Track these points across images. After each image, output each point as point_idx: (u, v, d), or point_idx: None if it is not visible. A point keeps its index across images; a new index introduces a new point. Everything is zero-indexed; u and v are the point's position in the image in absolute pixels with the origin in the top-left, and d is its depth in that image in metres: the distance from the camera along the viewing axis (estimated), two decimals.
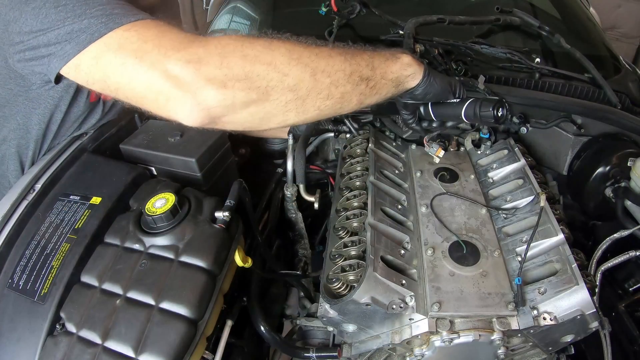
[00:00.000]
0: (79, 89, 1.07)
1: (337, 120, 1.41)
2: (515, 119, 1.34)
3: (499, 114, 0.98)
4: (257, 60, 0.66)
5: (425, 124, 1.12)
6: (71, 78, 0.80)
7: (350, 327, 1.00)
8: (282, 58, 0.68)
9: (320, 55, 0.72)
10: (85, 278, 0.88)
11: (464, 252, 1.00)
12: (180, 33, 0.70)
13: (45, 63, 0.77)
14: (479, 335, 0.87)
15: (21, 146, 1.10)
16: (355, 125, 1.38)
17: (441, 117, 1.11)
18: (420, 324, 0.90)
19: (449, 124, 1.19)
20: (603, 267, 1.06)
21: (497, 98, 0.99)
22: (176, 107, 0.67)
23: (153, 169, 1.16)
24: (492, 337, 0.88)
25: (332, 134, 1.44)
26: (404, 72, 0.86)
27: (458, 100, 1.02)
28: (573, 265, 0.90)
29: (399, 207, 1.12)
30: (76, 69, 0.74)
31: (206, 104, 0.66)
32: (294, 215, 1.36)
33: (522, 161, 1.20)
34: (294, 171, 1.28)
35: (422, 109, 1.09)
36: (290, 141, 1.33)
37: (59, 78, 0.84)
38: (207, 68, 0.64)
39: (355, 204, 1.10)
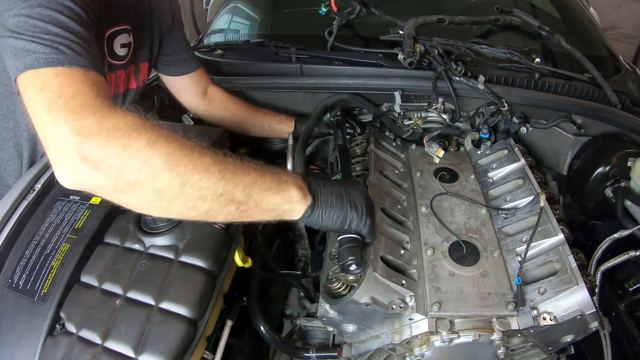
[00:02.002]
0: None
1: (338, 123, 1.41)
2: (515, 119, 1.35)
3: (348, 268, 0.89)
4: (135, 154, 0.68)
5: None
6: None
7: (350, 327, 1.00)
8: (159, 160, 0.69)
9: (197, 169, 0.72)
10: (85, 278, 0.88)
11: (463, 252, 1.00)
12: (93, 98, 0.72)
13: (9, 66, 0.79)
14: (479, 335, 0.87)
15: (19, 145, 1.10)
16: (359, 130, 1.38)
17: None
18: (420, 324, 0.90)
19: None
20: (603, 267, 1.06)
21: (353, 257, 0.87)
22: (56, 166, 0.70)
23: None
24: (492, 337, 0.88)
25: (332, 134, 1.44)
26: (282, 206, 0.82)
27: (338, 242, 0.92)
28: (573, 265, 0.90)
29: (399, 207, 1.12)
30: (18, 84, 0.76)
31: (77, 177, 0.69)
32: None
33: (522, 161, 1.20)
34: (294, 171, 1.28)
35: None
36: (290, 141, 1.33)
37: None
38: (89, 146, 0.67)
39: None
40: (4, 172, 1.15)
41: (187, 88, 1.40)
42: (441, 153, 1.29)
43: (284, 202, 0.82)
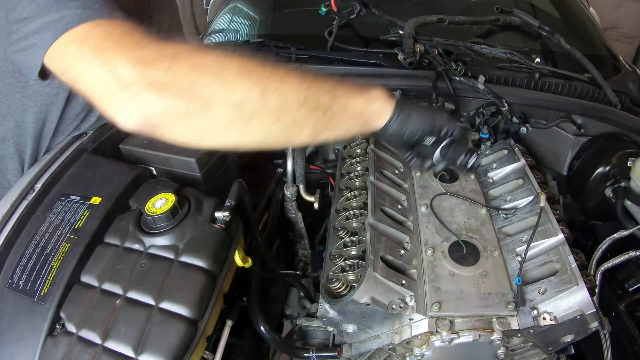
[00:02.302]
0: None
1: None
2: (515, 119, 1.34)
3: (468, 165, 0.87)
4: (205, 69, 0.64)
5: (427, 164, 0.95)
6: (50, 69, 0.79)
7: (350, 327, 1.00)
8: (232, 70, 0.64)
9: (275, 74, 0.66)
10: (85, 278, 0.88)
11: (463, 252, 1.00)
12: (145, 35, 0.68)
13: (32, 53, 0.77)
14: (479, 335, 0.87)
15: (20, 144, 1.10)
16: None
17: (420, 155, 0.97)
18: (420, 324, 0.90)
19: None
20: (603, 267, 1.06)
21: (468, 147, 0.86)
22: (116, 108, 0.65)
23: (153, 169, 1.16)
24: (492, 337, 0.88)
25: None
26: (368, 107, 0.76)
27: (434, 139, 0.87)
28: (573, 265, 0.90)
29: (399, 207, 1.12)
30: (51, 59, 0.74)
31: (144, 108, 0.64)
32: (293, 215, 1.36)
33: (522, 161, 1.20)
34: (293, 171, 1.29)
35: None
36: None
37: (44, 73, 0.83)
38: (153, 71, 0.63)
39: (355, 204, 1.10)
40: (5, 170, 1.15)
41: None
42: None
43: (369, 102, 0.76)
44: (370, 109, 0.76)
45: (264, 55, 0.70)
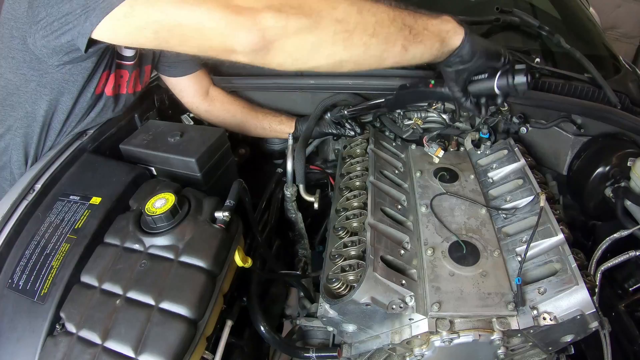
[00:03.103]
0: (90, 78, 1.07)
1: (339, 123, 1.40)
2: (515, 119, 1.35)
3: (531, 80, 0.99)
4: None
5: (483, 100, 1.07)
6: (109, 36, 0.81)
7: (350, 327, 1.00)
8: None
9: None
10: (85, 278, 0.88)
11: (463, 252, 1.00)
12: None
13: (79, 23, 0.79)
14: (479, 335, 0.87)
15: (27, 135, 1.10)
16: (358, 130, 1.38)
17: (476, 94, 1.06)
18: (420, 324, 0.90)
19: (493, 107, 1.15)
20: (603, 267, 1.06)
21: (522, 66, 0.98)
22: (234, 31, 0.74)
23: (153, 169, 1.16)
24: (492, 337, 0.88)
25: (333, 134, 1.44)
26: (444, 26, 0.90)
27: (486, 75, 1.01)
28: (573, 265, 0.90)
29: (399, 207, 1.12)
30: (127, 16, 0.76)
31: (263, 24, 0.74)
32: (293, 215, 1.36)
33: (522, 161, 1.20)
34: (293, 171, 1.29)
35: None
36: (290, 141, 1.33)
37: (90, 44, 0.85)
38: None
39: (355, 204, 1.10)
40: (8, 162, 1.15)
41: (188, 89, 1.40)
42: (441, 153, 1.29)
43: (444, 22, 0.90)
44: (447, 28, 0.91)
45: None
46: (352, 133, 1.39)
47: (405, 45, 0.86)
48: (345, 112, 1.37)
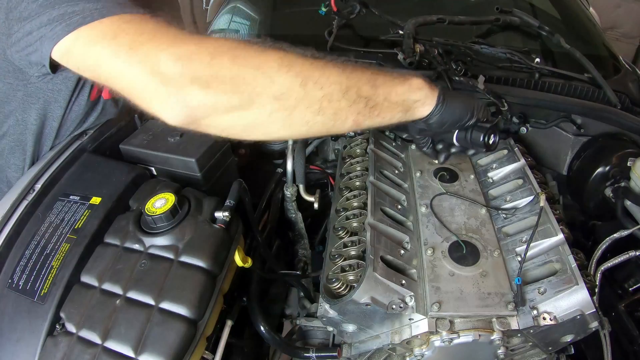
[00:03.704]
0: (79, 87, 1.07)
1: None
2: (515, 119, 1.34)
3: (490, 142, 0.89)
4: (246, 63, 0.64)
5: (440, 146, 1.00)
6: (63, 63, 0.77)
7: (350, 327, 1.00)
8: (272, 63, 0.65)
9: (315, 65, 0.67)
10: (85, 278, 0.88)
11: (463, 252, 1.00)
12: (178, 30, 0.68)
13: (38, 47, 0.75)
14: (479, 335, 0.87)
15: (21, 142, 1.10)
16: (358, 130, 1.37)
17: (436, 138, 1.01)
18: (420, 324, 0.90)
19: (470, 152, 1.07)
20: (603, 267, 1.06)
21: (487, 126, 0.88)
22: (160, 104, 0.66)
23: (153, 169, 1.16)
24: (492, 337, 0.88)
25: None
26: (411, 95, 0.76)
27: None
28: (573, 265, 0.90)
29: (399, 207, 1.12)
30: (67, 53, 0.72)
31: (189, 102, 0.65)
32: (293, 215, 1.36)
33: (522, 161, 1.20)
34: (293, 171, 1.28)
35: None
36: (290, 141, 1.33)
37: (54, 66, 0.82)
38: (195, 66, 0.63)
39: (355, 204, 1.10)
40: (5, 166, 1.15)
41: None
42: None
43: (411, 90, 0.76)
44: (413, 98, 0.77)
45: (303, 48, 0.71)
46: (352, 133, 1.38)
47: (357, 121, 0.73)
48: None
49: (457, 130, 0.90)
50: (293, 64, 0.65)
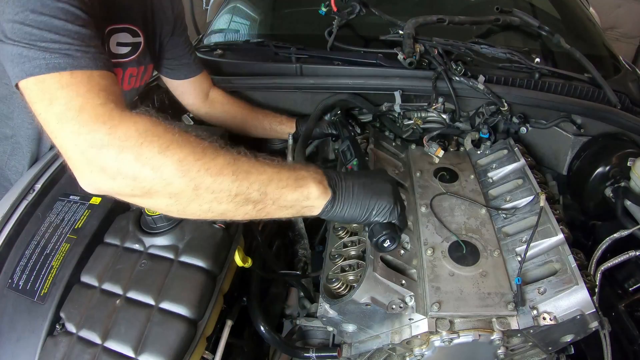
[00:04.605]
0: None
1: (337, 126, 1.40)
2: (515, 119, 1.35)
3: (384, 245, 0.86)
4: (147, 163, 0.70)
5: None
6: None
7: (350, 327, 1.00)
8: (171, 167, 0.71)
9: (210, 172, 0.73)
10: (85, 278, 0.88)
11: (463, 252, 1.00)
12: (104, 105, 0.72)
13: (8, 74, 0.79)
14: (479, 335, 0.87)
15: (20, 144, 1.10)
16: (358, 130, 1.38)
17: None
18: (420, 324, 0.90)
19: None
20: (603, 267, 1.06)
21: (383, 232, 0.85)
22: (77, 176, 0.73)
23: None
24: (492, 337, 0.88)
25: (333, 134, 1.44)
26: (301, 202, 0.81)
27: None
28: (573, 265, 0.90)
29: None
30: (22, 91, 0.77)
31: (97, 185, 0.73)
32: None
33: (522, 161, 1.20)
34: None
35: None
36: (290, 141, 1.33)
37: None
38: (104, 158, 0.69)
39: None
40: (4, 167, 1.15)
41: (189, 91, 1.40)
42: (441, 153, 1.29)
43: (302, 198, 0.81)
44: (302, 204, 0.82)
45: (208, 141, 0.77)
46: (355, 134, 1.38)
47: (245, 217, 0.80)
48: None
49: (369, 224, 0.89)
50: (189, 170, 0.71)
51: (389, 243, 0.86)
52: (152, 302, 0.83)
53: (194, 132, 0.77)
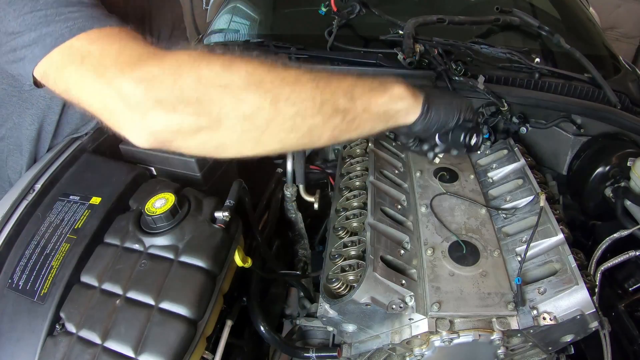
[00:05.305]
0: None
1: None
2: (515, 119, 1.35)
3: (471, 143, 0.85)
4: (212, 82, 0.60)
5: (425, 147, 0.96)
6: (43, 83, 0.76)
7: (350, 327, 1.00)
8: (240, 81, 0.61)
9: (286, 81, 0.62)
10: (85, 278, 0.88)
11: (463, 252, 1.00)
12: (141, 47, 0.66)
13: (21, 66, 0.75)
14: (479, 335, 0.87)
15: (18, 145, 1.11)
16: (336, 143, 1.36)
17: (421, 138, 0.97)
18: (420, 324, 0.90)
19: (454, 152, 1.02)
20: (603, 267, 1.06)
21: (469, 126, 0.84)
22: (126, 127, 0.64)
23: (153, 169, 1.16)
24: (492, 337, 0.88)
25: None
26: (393, 106, 0.72)
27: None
28: (573, 265, 0.90)
29: (399, 207, 1.12)
30: (45, 75, 0.71)
31: (153, 127, 0.62)
32: (293, 215, 1.36)
33: (522, 161, 1.20)
34: (293, 171, 1.28)
35: None
36: None
37: (38, 83, 0.80)
38: (159, 89, 0.60)
39: (355, 204, 1.10)
40: (4, 166, 1.15)
41: None
42: None
43: (393, 100, 0.72)
44: (395, 108, 0.73)
45: (273, 57, 0.66)
46: None
47: (334, 135, 0.69)
48: None
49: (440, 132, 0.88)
50: (262, 81, 0.61)
51: (476, 138, 0.84)
52: (152, 302, 0.83)
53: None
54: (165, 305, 0.82)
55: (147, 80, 0.60)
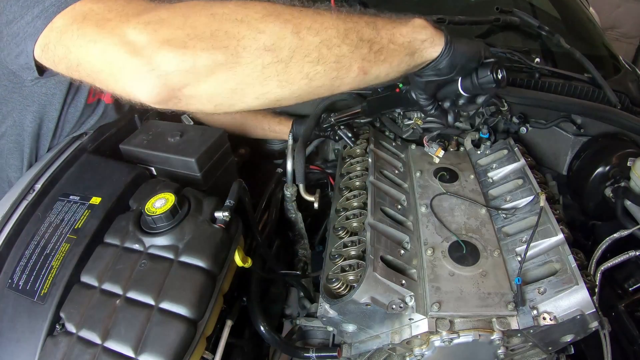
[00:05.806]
0: (73, 90, 1.07)
1: (330, 130, 1.39)
2: (515, 119, 1.35)
3: (499, 76, 0.83)
4: (226, 17, 0.55)
5: (447, 104, 0.91)
6: (42, 62, 0.73)
7: (350, 327, 1.00)
8: (257, 15, 0.56)
9: (305, 12, 0.58)
10: (85, 278, 0.88)
11: (463, 252, 1.00)
12: (149, 2, 0.61)
13: (23, 48, 0.72)
14: (479, 335, 0.87)
15: (19, 143, 1.11)
16: (350, 134, 1.35)
17: (440, 98, 0.94)
18: (420, 324, 0.90)
19: (480, 99, 0.98)
20: (603, 267, 1.06)
21: (492, 60, 0.82)
22: (132, 79, 0.57)
23: (153, 169, 1.16)
24: (492, 337, 0.88)
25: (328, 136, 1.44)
26: (417, 35, 0.69)
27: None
28: (573, 265, 0.90)
29: (399, 207, 1.12)
30: (45, 48, 0.67)
31: (162, 69, 0.55)
32: (293, 215, 1.36)
33: (522, 161, 1.20)
34: (293, 171, 1.28)
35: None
36: (290, 141, 1.33)
37: (41, 69, 0.79)
38: (167, 29, 0.55)
39: (355, 204, 1.10)
40: (5, 165, 1.15)
41: None
42: (441, 153, 1.29)
43: (416, 30, 0.70)
44: (420, 37, 0.70)
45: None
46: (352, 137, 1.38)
47: (364, 68, 0.65)
48: (333, 119, 1.35)
49: (460, 79, 0.85)
50: (280, 13, 0.57)
51: (502, 73, 0.82)
52: (152, 302, 0.83)
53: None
54: (165, 305, 0.82)
55: (154, 23, 0.55)
